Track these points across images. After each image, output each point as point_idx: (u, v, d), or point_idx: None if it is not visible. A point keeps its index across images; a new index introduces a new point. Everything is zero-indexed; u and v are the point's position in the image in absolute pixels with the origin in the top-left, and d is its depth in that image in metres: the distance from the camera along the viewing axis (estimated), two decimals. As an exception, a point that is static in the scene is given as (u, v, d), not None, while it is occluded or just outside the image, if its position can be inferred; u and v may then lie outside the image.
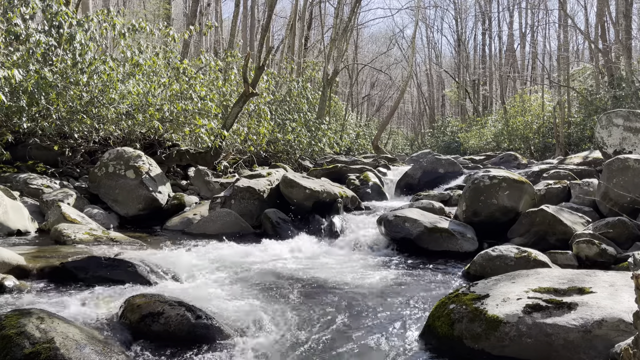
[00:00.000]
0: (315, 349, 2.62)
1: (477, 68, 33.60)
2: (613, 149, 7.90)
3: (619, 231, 4.77)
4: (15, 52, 7.02)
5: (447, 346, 2.61)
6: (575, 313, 2.40)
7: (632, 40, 16.73)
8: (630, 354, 1.83)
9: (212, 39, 25.70)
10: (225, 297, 3.43)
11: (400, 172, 10.90)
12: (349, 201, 7.24)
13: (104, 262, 3.85)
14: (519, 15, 32.78)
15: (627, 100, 14.38)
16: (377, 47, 45.13)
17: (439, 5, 38.00)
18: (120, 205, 6.91)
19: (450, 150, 25.63)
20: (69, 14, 7.32)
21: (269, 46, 15.97)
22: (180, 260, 4.38)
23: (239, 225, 6.43)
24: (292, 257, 4.99)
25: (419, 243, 5.25)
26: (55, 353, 2.14)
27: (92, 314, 2.97)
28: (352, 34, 28.63)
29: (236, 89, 11.87)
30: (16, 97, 6.86)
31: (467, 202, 5.70)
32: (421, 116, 43.63)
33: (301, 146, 14.34)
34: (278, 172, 8.33)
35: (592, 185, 6.32)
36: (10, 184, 6.81)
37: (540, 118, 20.45)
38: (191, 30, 10.19)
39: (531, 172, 8.73)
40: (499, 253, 4.17)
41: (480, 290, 2.84)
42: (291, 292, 3.66)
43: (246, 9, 24.99)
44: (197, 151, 9.57)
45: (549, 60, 32.08)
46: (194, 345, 2.58)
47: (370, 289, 3.80)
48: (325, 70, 20.12)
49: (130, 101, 8.32)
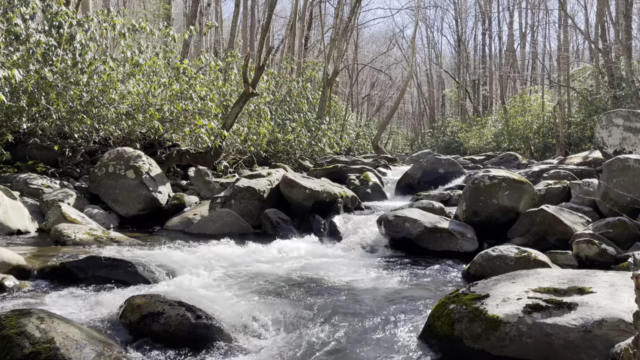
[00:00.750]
0: (315, 349, 2.62)
1: (477, 68, 33.60)
2: (613, 149, 7.90)
3: (619, 231, 4.77)
4: (15, 52, 7.02)
5: (447, 346, 2.60)
6: (575, 313, 2.40)
7: (632, 40, 16.73)
8: (630, 354, 1.83)
9: (212, 39, 25.69)
10: (225, 297, 3.43)
11: (400, 172, 10.91)
12: (349, 201, 7.24)
13: (104, 262, 3.86)
14: (519, 15, 32.81)
15: (627, 100, 14.39)
16: (377, 47, 45.19)
17: (439, 5, 38.08)
18: (120, 205, 6.92)
19: (450, 150, 25.63)
20: (69, 14, 7.32)
21: (269, 46, 15.97)
22: (180, 260, 4.38)
23: (239, 225, 6.43)
24: (292, 257, 4.99)
25: (419, 243, 5.25)
26: (55, 353, 2.14)
27: (92, 314, 2.98)
28: (352, 34, 28.61)
29: (236, 89, 11.86)
30: (16, 97, 6.87)
31: (467, 202, 5.70)
32: (421, 116, 43.65)
33: (301, 146, 14.33)
34: (278, 172, 8.33)
35: (592, 185, 6.31)
36: (10, 184, 6.81)
37: (540, 118, 20.45)
38: (191, 30, 10.17)
39: (531, 172, 8.73)
40: (499, 253, 4.17)
41: (480, 290, 2.84)
42: (291, 292, 3.66)
43: (246, 9, 25.02)
44: (197, 151, 9.57)
45: (549, 60, 32.13)
46: (194, 345, 2.58)
47: (370, 289, 3.80)
48: (325, 70, 20.12)
49: (130, 101, 8.32)
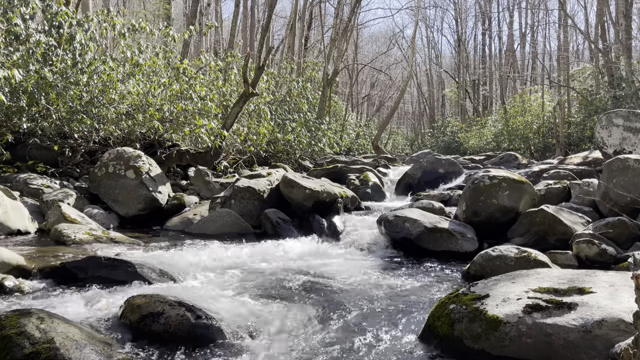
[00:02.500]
0: (315, 349, 2.62)
1: (477, 68, 33.61)
2: (613, 149, 7.90)
3: (619, 231, 4.77)
4: (15, 52, 7.02)
5: (447, 346, 2.60)
6: (575, 313, 2.40)
7: (632, 40, 16.73)
8: (630, 354, 1.83)
9: (212, 39, 25.70)
10: (225, 297, 3.43)
11: (400, 172, 10.90)
12: (349, 201, 7.24)
13: (104, 262, 3.86)
14: (519, 15, 32.83)
15: (627, 100, 14.40)
16: (377, 47, 45.19)
17: (439, 5, 38.11)
18: (120, 205, 6.91)
19: (450, 150, 25.63)
20: (69, 14, 7.32)
21: (269, 46, 15.96)
22: (180, 260, 4.38)
23: (239, 225, 6.43)
24: (292, 257, 4.99)
25: (419, 243, 5.25)
26: (55, 353, 2.14)
27: (92, 314, 2.98)
28: (352, 34, 28.62)
29: (236, 89, 11.86)
30: (16, 97, 6.86)
31: (467, 202, 5.70)
32: (421, 116, 43.64)
33: (301, 146, 14.34)
34: (278, 172, 8.33)
35: (592, 185, 6.31)
36: (10, 184, 6.81)
37: (540, 118, 20.45)
38: (191, 30, 10.17)
39: (531, 172, 8.72)
40: (499, 253, 4.17)
41: (480, 290, 2.84)
42: (291, 292, 3.66)
43: (246, 9, 25.03)
44: (197, 151, 9.57)
45: (549, 60, 32.14)
46: (194, 346, 2.58)
47: (370, 289, 3.80)
48: (325, 70, 20.11)
49: (130, 101, 8.31)
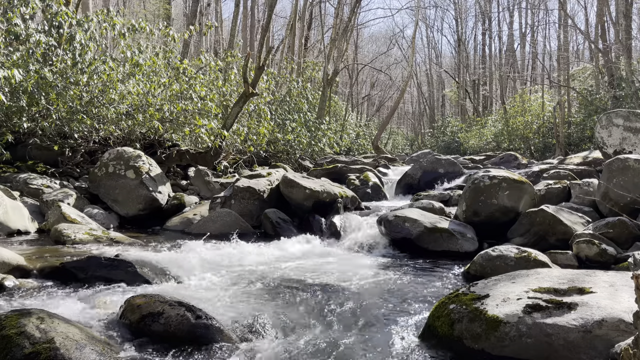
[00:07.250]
0: (315, 349, 2.62)
1: (477, 68, 33.61)
2: (613, 149, 7.90)
3: (619, 231, 4.77)
4: (15, 52, 7.02)
5: (447, 346, 2.61)
6: (575, 313, 2.40)
7: (632, 40, 16.73)
8: (630, 354, 1.83)
9: (212, 39, 25.70)
10: (225, 297, 3.43)
11: (400, 172, 10.90)
12: (349, 201, 7.24)
13: (104, 262, 3.86)
14: (519, 15, 32.84)
15: (627, 100, 14.40)
16: (377, 47, 45.22)
17: (439, 5, 38.12)
18: (120, 205, 6.91)
19: (450, 150, 25.63)
20: (69, 14, 7.32)
21: (269, 46, 15.96)
22: (180, 260, 4.37)
23: (239, 225, 6.42)
24: (292, 257, 4.99)
25: (419, 243, 5.25)
26: (55, 353, 2.14)
27: (92, 314, 2.98)
28: (352, 34, 28.62)
29: (236, 89, 11.87)
30: (16, 97, 6.87)
31: (467, 202, 5.70)
32: (421, 116, 43.64)
33: (301, 146, 14.35)
34: (278, 172, 8.33)
35: (592, 185, 6.31)
36: (10, 184, 6.81)
37: (540, 118, 20.45)
38: (191, 30, 10.17)
39: (531, 172, 8.73)
40: (499, 253, 4.17)
41: (480, 290, 2.84)
42: (291, 292, 3.66)
43: (246, 9, 25.00)
44: (197, 151, 9.57)
45: (549, 60, 32.13)
46: (194, 345, 2.58)
47: (370, 289, 3.80)
48: (325, 70, 20.11)
49: (130, 101, 8.32)
